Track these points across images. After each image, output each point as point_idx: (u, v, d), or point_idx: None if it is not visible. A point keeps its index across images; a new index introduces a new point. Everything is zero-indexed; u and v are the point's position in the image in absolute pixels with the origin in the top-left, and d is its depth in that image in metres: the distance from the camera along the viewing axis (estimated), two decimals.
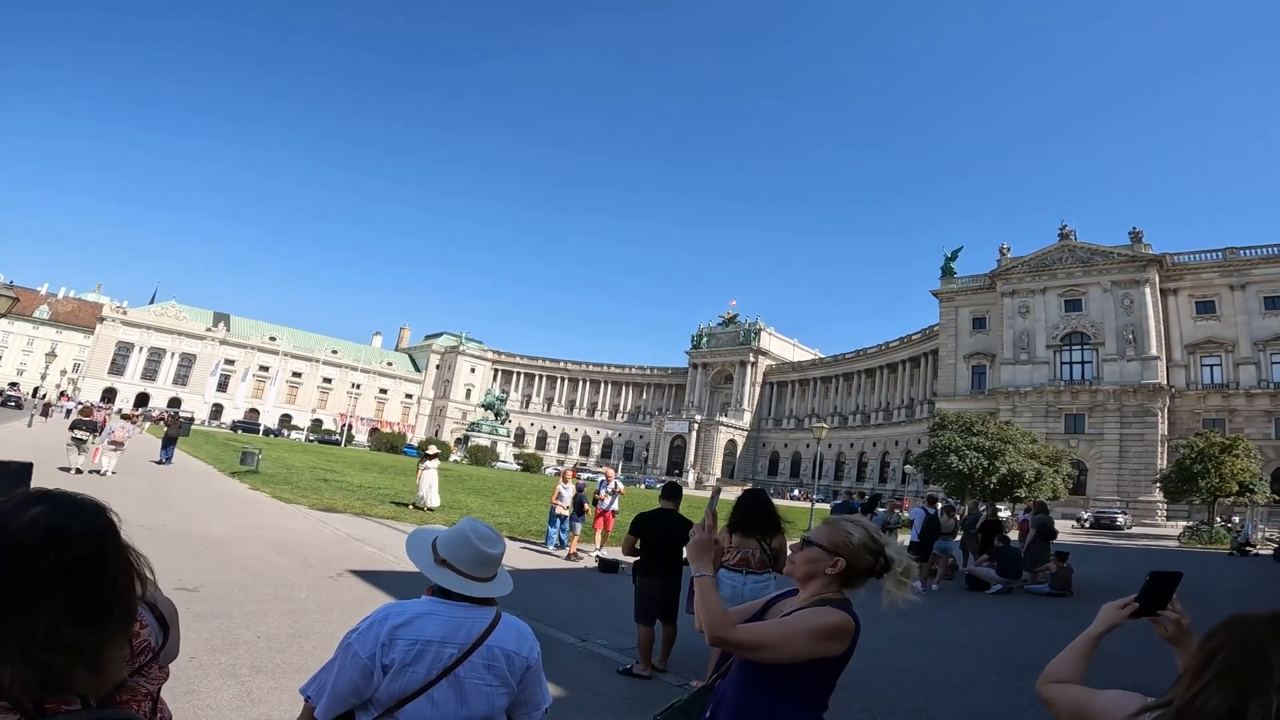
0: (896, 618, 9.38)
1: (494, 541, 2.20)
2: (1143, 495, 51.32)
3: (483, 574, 2.15)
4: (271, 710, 4.42)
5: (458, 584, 2.12)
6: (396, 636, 1.99)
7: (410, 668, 1.97)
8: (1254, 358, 52.66)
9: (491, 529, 2.24)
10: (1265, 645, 1.37)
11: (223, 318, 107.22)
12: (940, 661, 8.10)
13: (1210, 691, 1.37)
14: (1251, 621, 1.43)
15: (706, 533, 2.28)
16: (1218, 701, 1.35)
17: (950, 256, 71.25)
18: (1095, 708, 1.71)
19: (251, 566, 8.81)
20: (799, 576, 2.29)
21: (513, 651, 2.09)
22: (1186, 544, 32.49)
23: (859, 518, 2.42)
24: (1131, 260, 57.30)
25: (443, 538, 2.20)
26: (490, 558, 2.16)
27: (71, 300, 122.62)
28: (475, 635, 2.06)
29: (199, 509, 13.55)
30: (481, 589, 2.13)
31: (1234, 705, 1.33)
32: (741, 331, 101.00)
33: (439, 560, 2.15)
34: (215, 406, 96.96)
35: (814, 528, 2.41)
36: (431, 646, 2.00)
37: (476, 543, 2.15)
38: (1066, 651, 1.95)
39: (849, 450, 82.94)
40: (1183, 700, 1.41)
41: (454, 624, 2.06)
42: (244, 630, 6.01)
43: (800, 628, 2.10)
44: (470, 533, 2.19)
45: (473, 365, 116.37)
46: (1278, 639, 1.37)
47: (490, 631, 2.08)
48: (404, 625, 2.02)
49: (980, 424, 39.89)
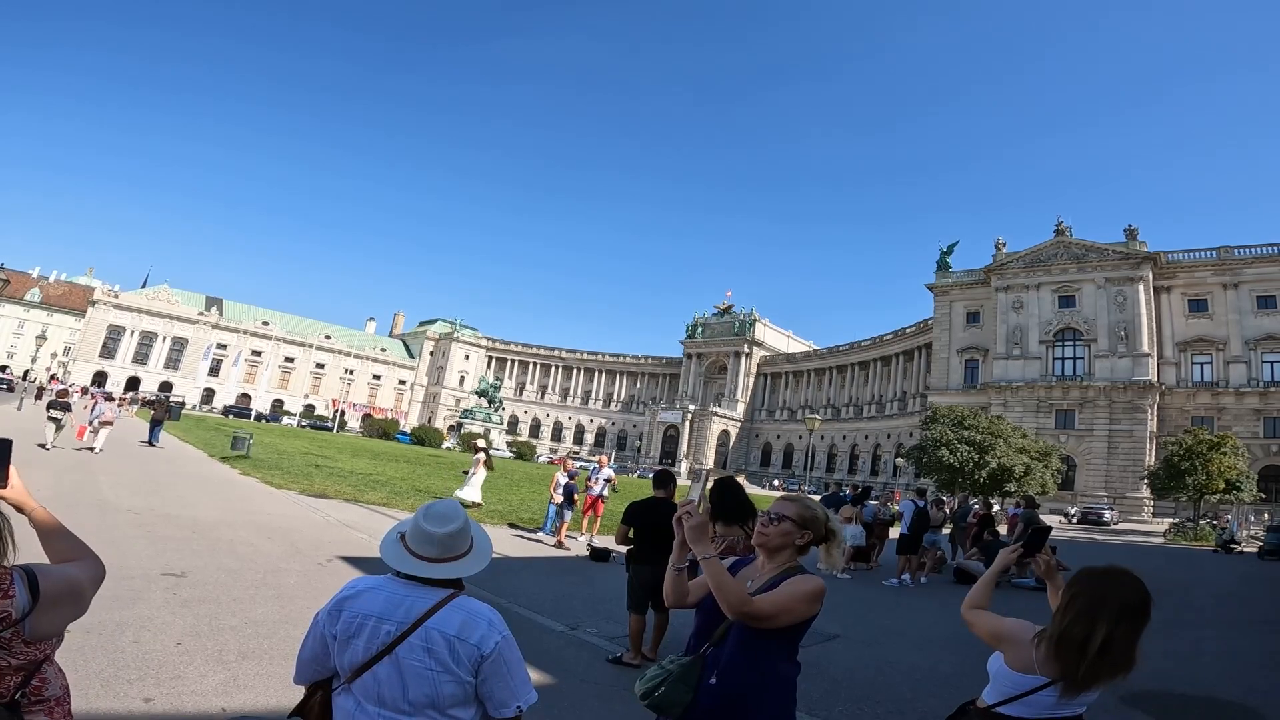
0: (885, 611, 9.43)
1: (441, 520, 2.11)
2: (1130, 491, 51.75)
3: (427, 552, 2.08)
4: (258, 696, 4.39)
5: (398, 560, 2.09)
6: (342, 608, 2.04)
7: (352, 640, 2.00)
8: (1244, 356, 53.01)
9: (454, 509, 2.17)
10: (1104, 589, 2.30)
11: (215, 302, 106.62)
12: (927, 654, 8.14)
13: (1073, 622, 2.27)
14: (1096, 573, 2.38)
15: (701, 515, 2.40)
16: (1078, 629, 2.25)
17: (946, 251, 71.44)
18: (1005, 629, 2.54)
19: (240, 552, 8.77)
20: (772, 548, 2.51)
21: (454, 636, 1.98)
22: (1172, 540, 32.67)
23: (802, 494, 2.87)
24: (1126, 257, 57.51)
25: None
26: (431, 535, 2.08)
27: (63, 283, 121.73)
28: (415, 615, 2.00)
29: (188, 494, 13.49)
30: (429, 568, 2.07)
31: (1088, 632, 2.23)
32: (736, 322, 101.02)
33: (400, 538, 2.15)
34: (207, 391, 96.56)
35: (777, 503, 2.61)
36: (370, 621, 2.00)
37: (422, 520, 2.11)
38: (980, 585, 2.76)
39: (841, 442, 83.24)
40: (1057, 629, 2.32)
41: (394, 601, 2.03)
42: (231, 616, 5.98)
43: (799, 595, 2.36)
44: (421, 510, 2.17)
45: (467, 352, 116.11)
46: (1110, 585, 2.31)
47: (432, 613, 2.01)
48: (350, 598, 2.06)
49: (972, 418, 40.12)
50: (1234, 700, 6.60)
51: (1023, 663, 2.41)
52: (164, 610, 5.85)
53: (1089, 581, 2.34)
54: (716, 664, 2.40)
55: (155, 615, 5.67)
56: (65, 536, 1.82)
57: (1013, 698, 2.42)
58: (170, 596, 6.28)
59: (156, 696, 4.15)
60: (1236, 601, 14.11)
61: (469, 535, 2.18)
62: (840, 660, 7.18)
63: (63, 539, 1.81)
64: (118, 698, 4.06)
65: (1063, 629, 2.30)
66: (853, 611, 10.19)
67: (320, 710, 2.08)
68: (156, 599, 6.13)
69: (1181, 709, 6.36)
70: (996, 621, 2.59)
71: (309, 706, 2.10)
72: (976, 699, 2.59)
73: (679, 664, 2.44)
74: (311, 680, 2.12)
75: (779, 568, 2.47)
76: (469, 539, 2.17)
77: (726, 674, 2.36)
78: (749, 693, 2.37)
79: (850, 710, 5.60)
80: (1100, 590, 2.29)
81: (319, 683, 2.13)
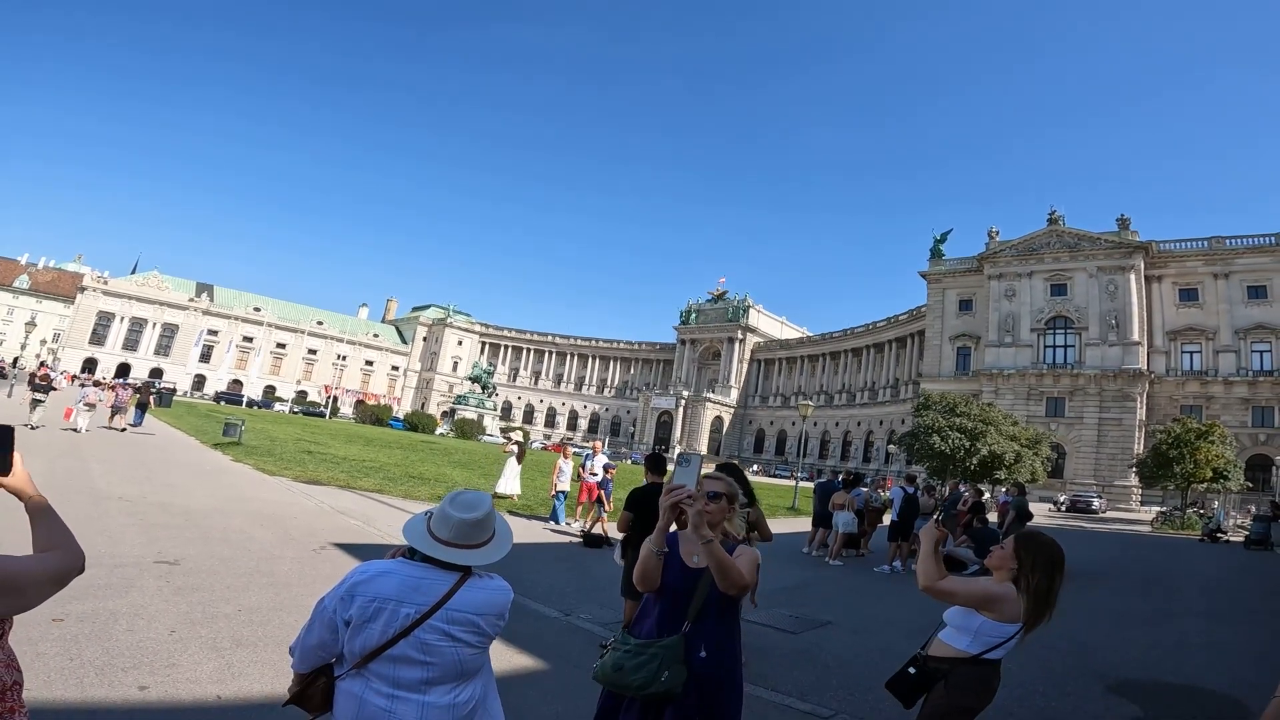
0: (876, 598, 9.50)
1: (468, 507, 2.18)
2: (1118, 480, 52.23)
3: (451, 537, 2.13)
4: (253, 683, 4.41)
5: (422, 543, 2.14)
6: (355, 593, 2.06)
7: (368, 624, 2.02)
8: (1234, 346, 53.41)
9: (481, 498, 2.24)
10: (1049, 550, 2.97)
11: (206, 288, 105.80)
12: (918, 640, 8.15)
13: (1041, 578, 2.90)
14: (1038, 537, 3.08)
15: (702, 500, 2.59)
16: (1044, 583, 2.90)
17: (939, 239, 71.56)
18: (995, 590, 2.96)
19: (233, 539, 8.76)
20: (714, 524, 2.66)
21: (477, 614, 2.08)
22: (1159, 529, 32.98)
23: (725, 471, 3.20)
24: (1118, 247, 57.73)
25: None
26: (457, 521, 2.13)
27: (52, 270, 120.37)
28: (435, 597, 2.05)
29: (180, 481, 13.45)
30: (452, 554, 2.12)
31: (1049, 584, 2.90)
32: (730, 308, 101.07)
33: (428, 528, 2.20)
34: (198, 377, 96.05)
35: (709, 481, 2.78)
36: (388, 605, 2.03)
37: (449, 506, 2.18)
38: (927, 562, 3.07)
39: (834, 429, 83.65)
40: (1031, 584, 2.90)
41: (411, 584, 2.07)
42: (225, 604, 5.98)
43: (755, 564, 2.67)
44: (449, 497, 2.24)
45: (460, 338, 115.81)
46: (1050, 546, 2.99)
47: (452, 594, 2.07)
48: (363, 582, 2.08)
49: (963, 405, 40.33)
50: (1219, 691, 6.66)
51: (1013, 615, 2.92)
52: (157, 598, 5.85)
53: (1036, 545, 3.00)
54: (703, 639, 2.56)
55: (149, 603, 5.67)
56: (50, 525, 1.77)
57: (997, 645, 2.97)
58: (163, 584, 6.28)
59: (151, 684, 4.16)
60: (1222, 592, 14.27)
61: (492, 524, 2.24)
62: (832, 647, 7.25)
63: (46, 528, 1.76)
64: (112, 686, 4.06)
65: (1036, 584, 2.90)
66: (844, 599, 10.29)
67: (322, 697, 2.10)
68: (149, 587, 6.13)
69: (1167, 699, 6.42)
70: (983, 586, 3.04)
71: (309, 694, 2.11)
72: (926, 652, 3.16)
73: (661, 647, 2.51)
74: (314, 667, 2.14)
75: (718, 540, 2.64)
76: (492, 528, 2.23)
77: (716, 646, 2.57)
78: (735, 660, 2.64)
79: (842, 697, 5.66)
80: (1046, 551, 2.96)
81: (319, 670, 2.14)
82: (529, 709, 4.61)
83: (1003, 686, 3.26)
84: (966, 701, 3.02)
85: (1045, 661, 7.00)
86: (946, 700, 3.02)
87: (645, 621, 2.69)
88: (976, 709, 3.04)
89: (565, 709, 4.76)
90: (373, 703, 1.99)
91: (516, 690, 4.78)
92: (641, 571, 2.63)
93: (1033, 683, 6.27)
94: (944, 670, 3.04)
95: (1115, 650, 8.26)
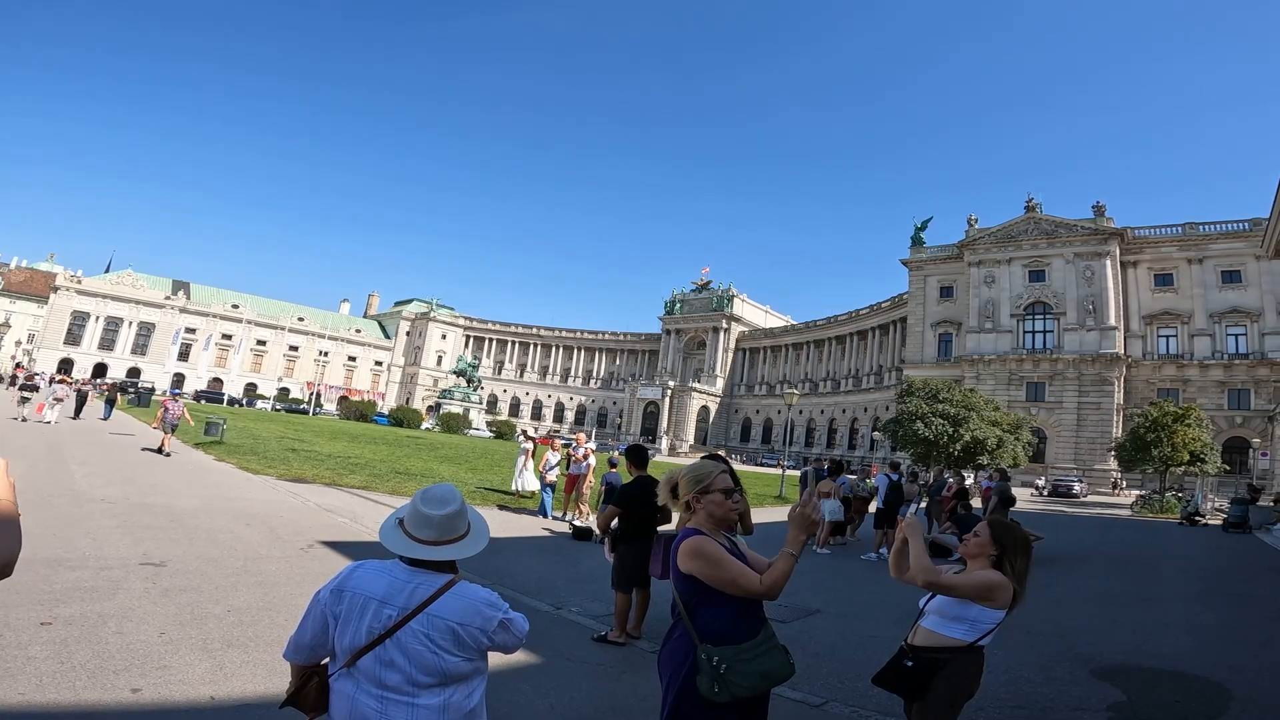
0: (864, 586, 9.61)
1: (439, 503, 2.16)
2: (1098, 464, 53.08)
3: (426, 535, 2.12)
4: (245, 684, 4.40)
5: (398, 545, 2.14)
6: (345, 588, 2.08)
7: (355, 621, 2.03)
8: (1209, 329, 54.34)
9: (451, 492, 2.21)
10: (1021, 536, 3.19)
11: (182, 286, 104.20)
12: (906, 627, 8.26)
13: (1019, 559, 3.11)
14: (1007, 524, 3.27)
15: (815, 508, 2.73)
16: (1021, 564, 3.11)
17: (920, 226, 72.13)
18: (993, 579, 3.05)
19: (219, 539, 8.70)
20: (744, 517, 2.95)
21: (457, 623, 2.04)
22: (1139, 513, 33.37)
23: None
24: (1094, 233, 58.47)
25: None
26: (429, 518, 2.12)
27: (24, 269, 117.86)
28: (417, 600, 2.05)
29: (162, 481, 13.31)
30: (429, 551, 2.12)
31: (1026, 569, 3.14)
32: (715, 298, 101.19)
33: (399, 523, 2.20)
34: (177, 376, 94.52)
35: (680, 473, 2.90)
36: (372, 603, 2.04)
37: (420, 503, 2.17)
38: (923, 559, 3.08)
39: (819, 416, 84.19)
40: (1016, 570, 3.09)
41: (397, 585, 2.08)
42: (214, 604, 5.95)
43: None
44: (419, 494, 2.22)
45: (444, 332, 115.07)
46: (1020, 532, 3.22)
47: (434, 599, 2.05)
48: (354, 579, 2.11)
49: (946, 391, 40.67)
50: (1200, 674, 6.74)
51: (1005, 601, 3.05)
52: (145, 600, 5.81)
53: (1010, 530, 3.20)
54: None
55: (136, 605, 5.63)
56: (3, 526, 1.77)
57: (988, 632, 3.09)
58: (150, 586, 6.23)
59: (144, 687, 4.14)
60: (1202, 575, 14.47)
61: (466, 517, 2.22)
62: (821, 635, 7.34)
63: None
64: (105, 689, 4.04)
65: (1019, 567, 3.09)
66: (832, 586, 10.40)
67: (316, 695, 2.10)
68: (136, 589, 6.08)
69: (1150, 682, 6.48)
70: (982, 576, 3.09)
71: (304, 693, 2.11)
72: (912, 643, 3.26)
73: (771, 641, 2.61)
74: (307, 663, 2.13)
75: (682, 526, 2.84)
76: (467, 521, 2.22)
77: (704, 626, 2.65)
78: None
79: (832, 684, 5.74)
80: (1020, 536, 3.18)
81: (313, 668, 2.14)
82: (522, 703, 4.64)
83: (988, 672, 3.34)
84: (971, 687, 3.13)
85: (1030, 646, 7.12)
86: (950, 689, 3.09)
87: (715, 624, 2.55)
88: (972, 694, 3.15)
89: (558, 702, 4.79)
90: (365, 704, 1.99)
91: (509, 685, 4.80)
92: (783, 580, 2.52)
93: (1018, 668, 6.37)
94: (944, 660, 3.09)
95: (1099, 634, 8.41)
